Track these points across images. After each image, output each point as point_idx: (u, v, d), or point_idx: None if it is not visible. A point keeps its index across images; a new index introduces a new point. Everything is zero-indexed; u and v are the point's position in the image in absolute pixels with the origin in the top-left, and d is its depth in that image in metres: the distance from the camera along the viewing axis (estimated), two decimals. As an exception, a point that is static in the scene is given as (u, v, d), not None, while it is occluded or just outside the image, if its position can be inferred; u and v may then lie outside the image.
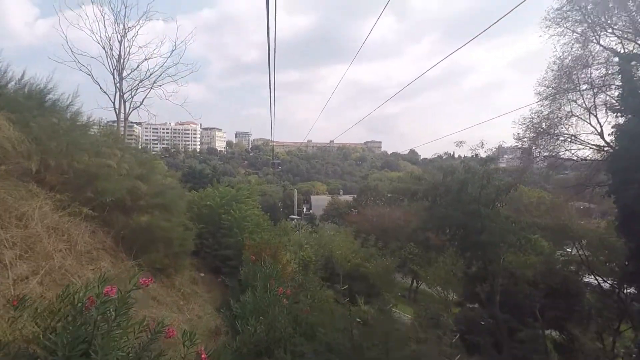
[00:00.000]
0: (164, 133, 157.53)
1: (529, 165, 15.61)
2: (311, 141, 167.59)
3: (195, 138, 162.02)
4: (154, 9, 14.51)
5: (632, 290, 14.20)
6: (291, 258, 14.51)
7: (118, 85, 14.75)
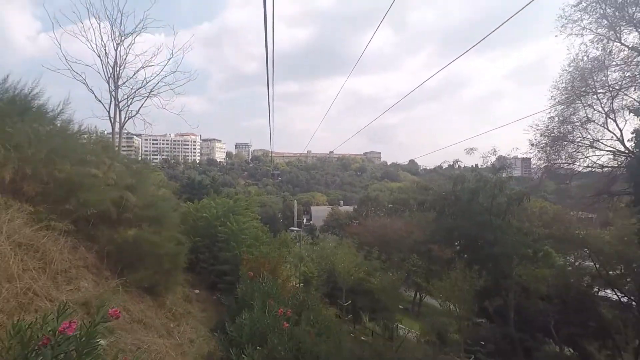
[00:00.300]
0: (163, 144, 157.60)
1: (546, 173, 14.90)
2: (311, 152, 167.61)
3: (194, 149, 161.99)
4: (151, 17, 14.27)
5: None
6: (291, 273, 13.88)
7: (113, 93, 14.39)
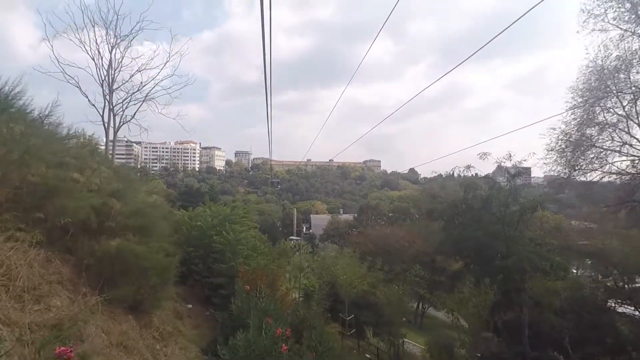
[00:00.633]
0: (163, 152, 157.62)
1: (567, 179, 14.11)
2: (310, 160, 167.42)
3: (194, 157, 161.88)
4: (147, 19, 13.90)
5: None
6: (291, 285, 13.23)
7: (107, 97, 13.93)
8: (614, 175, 12.98)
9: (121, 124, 14.75)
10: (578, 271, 16.26)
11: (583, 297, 13.88)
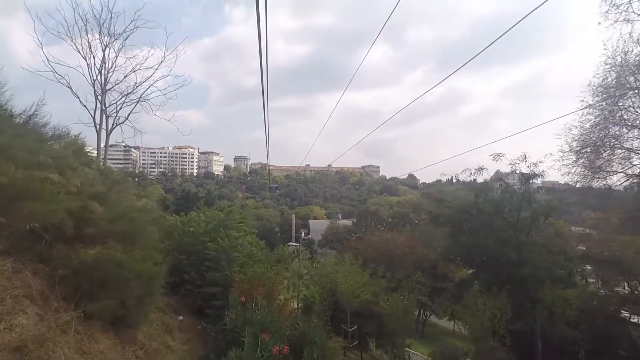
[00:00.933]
0: (161, 157, 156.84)
1: (589, 182, 13.42)
2: (309, 165, 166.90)
3: (192, 162, 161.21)
4: (142, 17, 13.50)
5: None
6: (290, 294, 12.63)
7: (99, 97, 13.45)
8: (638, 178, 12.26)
9: (114, 125, 14.28)
10: (587, 279, 15.61)
11: (596, 307, 13.28)
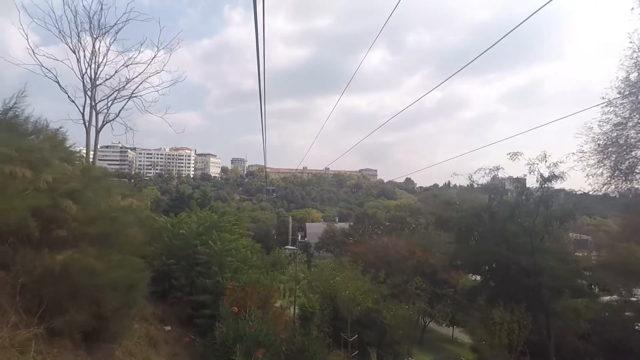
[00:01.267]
0: (158, 158, 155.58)
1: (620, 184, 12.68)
2: (306, 168, 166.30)
3: (189, 164, 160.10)
4: (135, 10, 13.01)
5: None
6: (286, 300, 12.02)
7: (89, 92, 12.87)
8: None
9: (104, 122, 13.71)
10: (595, 288, 15.02)
11: (608, 318, 12.68)
